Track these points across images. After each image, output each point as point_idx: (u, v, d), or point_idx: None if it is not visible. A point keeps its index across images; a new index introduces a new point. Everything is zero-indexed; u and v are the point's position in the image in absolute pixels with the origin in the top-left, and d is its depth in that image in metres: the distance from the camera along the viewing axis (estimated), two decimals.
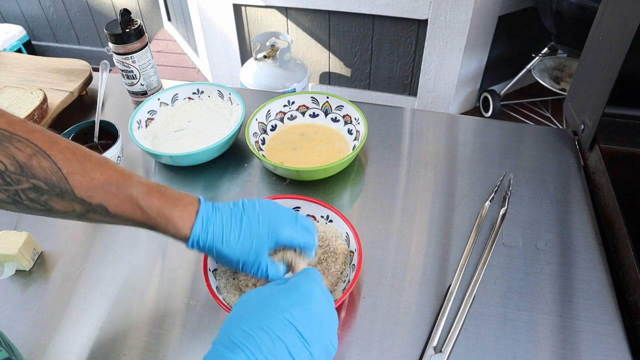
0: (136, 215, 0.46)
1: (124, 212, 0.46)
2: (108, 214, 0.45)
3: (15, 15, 2.62)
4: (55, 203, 0.43)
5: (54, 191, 0.43)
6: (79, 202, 0.44)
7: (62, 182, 0.43)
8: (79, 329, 0.58)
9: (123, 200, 0.45)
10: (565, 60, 1.93)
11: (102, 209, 0.45)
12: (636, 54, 0.64)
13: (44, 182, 0.42)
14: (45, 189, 0.42)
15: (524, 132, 0.85)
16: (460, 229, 0.68)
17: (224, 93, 0.86)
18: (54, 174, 0.42)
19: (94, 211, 0.45)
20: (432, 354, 0.54)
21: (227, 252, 0.48)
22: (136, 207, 0.46)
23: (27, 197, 0.42)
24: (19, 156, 0.41)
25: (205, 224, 0.48)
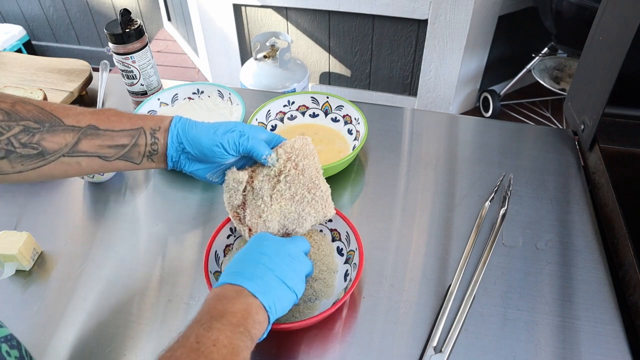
0: (123, 123, 0.51)
1: (113, 125, 0.50)
2: (98, 132, 0.49)
3: (15, 15, 2.62)
4: (47, 141, 0.46)
5: (44, 127, 0.46)
6: (69, 130, 0.47)
7: (49, 116, 0.46)
8: (79, 329, 0.58)
9: (108, 115, 0.50)
10: (565, 60, 1.93)
11: (92, 129, 0.48)
12: (636, 54, 0.64)
13: (33, 121, 0.45)
14: (35, 127, 0.45)
15: (524, 132, 0.85)
16: (460, 229, 0.68)
17: (224, 93, 0.86)
18: (40, 112, 0.46)
19: (85, 135, 0.48)
20: (432, 354, 0.54)
21: (205, 135, 0.53)
22: (121, 116, 0.51)
23: (19, 142, 0.44)
24: (2, 106, 0.44)
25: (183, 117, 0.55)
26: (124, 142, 0.51)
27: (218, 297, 0.46)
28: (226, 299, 0.45)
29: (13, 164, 0.45)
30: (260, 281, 0.47)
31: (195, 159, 0.54)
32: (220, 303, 0.45)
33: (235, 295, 0.45)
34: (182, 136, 0.53)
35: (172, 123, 0.53)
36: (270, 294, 0.47)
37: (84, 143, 0.48)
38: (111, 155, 0.50)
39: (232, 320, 0.42)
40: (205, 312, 0.44)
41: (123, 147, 0.51)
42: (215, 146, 0.53)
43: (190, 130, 0.53)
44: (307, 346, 0.56)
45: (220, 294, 0.46)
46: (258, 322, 0.45)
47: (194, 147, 0.53)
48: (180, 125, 0.53)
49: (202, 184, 0.76)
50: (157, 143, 0.53)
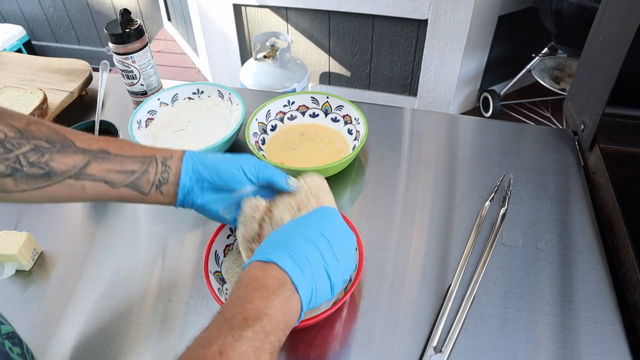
0: (135, 150, 0.50)
1: (124, 151, 0.49)
2: (109, 156, 0.48)
3: (15, 15, 2.62)
4: (56, 161, 0.45)
5: (55, 147, 0.45)
6: (80, 152, 0.46)
7: (61, 137, 0.46)
8: (79, 329, 0.58)
9: (121, 143, 0.50)
10: (565, 60, 1.93)
11: (103, 153, 0.47)
12: (636, 54, 0.64)
13: (45, 141, 0.44)
14: (46, 146, 0.44)
15: (524, 132, 0.85)
16: (460, 229, 0.68)
17: (224, 93, 0.86)
18: (52, 133, 0.45)
19: (95, 159, 0.47)
20: (432, 354, 0.54)
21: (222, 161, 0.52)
22: (132, 145, 0.50)
23: (27, 161, 0.43)
24: (16, 124, 0.44)
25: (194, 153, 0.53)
26: (134, 168, 0.49)
27: (258, 285, 0.40)
28: (266, 291, 0.39)
29: (18, 182, 0.44)
30: (308, 271, 0.41)
31: (211, 187, 0.52)
32: (259, 297, 0.39)
33: (276, 288, 0.40)
34: (199, 163, 0.51)
35: (186, 153, 0.52)
36: (312, 290, 0.42)
37: (93, 166, 0.47)
38: (118, 182, 0.48)
39: (266, 327, 0.37)
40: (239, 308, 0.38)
41: (132, 173, 0.49)
42: (235, 169, 0.51)
43: (205, 157, 0.52)
44: (307, 346, 0.56)
45: (260, 281, 0.40)
46: (289, 327, 0.40)
47: (212, 172, 0.51)
48: (195, 154, 0.52)
49: None
50: (167, 171, 0.50)
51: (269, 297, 0.39)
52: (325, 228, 0.45)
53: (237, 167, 0.51)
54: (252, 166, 0.52)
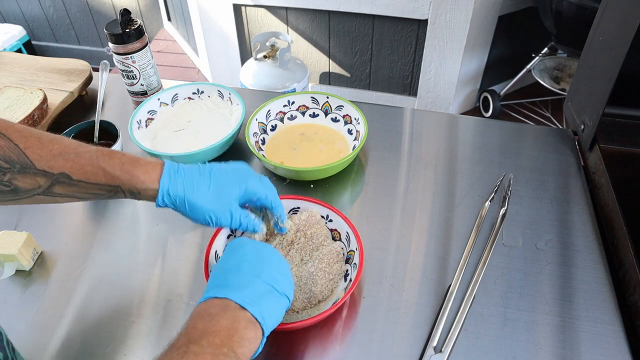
0: (98, 178, 0.47)
1: (87, 177, 0.46)
2: (71, 182, 0.46)
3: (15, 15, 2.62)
4: (19, 181, 0.44)
5: (15, 168, 0.43)
6: (41, 174, 0.44)
7: (21, 157, 0.43)
8: (79, 329, 0.58)
9: (83, 165, 0.46)
10: (565, 60, 1.93)
11: (64, 177, 0.45)
12: (636, 54, 0.64)
13: (3, 160, 0.43)
14: (5, 167, 0.43)
15: (524, 132, 0.85)
16: (460, 229, 0.68)
17: (224, 93, 0.86)
18: (11, 150, 0.43)
19: (58, 182, 0.45)
20: (432, 354, 0.54)
21: (199, 202, 0.50)
22: (97, 168, 0.47)
23: None
24: None
25: (173, 176, 0.50)
26: (99, 192, 0.48)
27: (200, 314, 0.42)
28: (209, 316, 0.41)
29: None
30: (248, 290, 0.43)
31: None
32: (202, 321, 0.40)
33: (219, 311, 0.41)
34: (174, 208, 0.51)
35: (159, 196, 0.49)
36: (261, 304, 0.43)
37: (57, 187, 0.46)
38: (89, 198, 0.48)
39: (214, 341, 0.38)
40: (183, 334, 0.40)
41: (99, 195, 0.48)
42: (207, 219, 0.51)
43: (181, 207, 0.50)
44: (307, 346, 0.56)
45: (202, 311, 0.42)
46: (247, 339, 0.41)
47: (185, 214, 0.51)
48: (168, 200, 0.50)
49: None
50: (137, 196, 0.50)
51: (213, 319, 0.41)
52: (240, 255, 0.48)
53: (209, 218, 0.51)
54: (226, 224, 0.52)
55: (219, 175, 0.52)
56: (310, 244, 0.61)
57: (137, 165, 0.48)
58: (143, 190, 0.49)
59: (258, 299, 0.43)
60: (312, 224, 0.61)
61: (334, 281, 0.58)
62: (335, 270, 0.59)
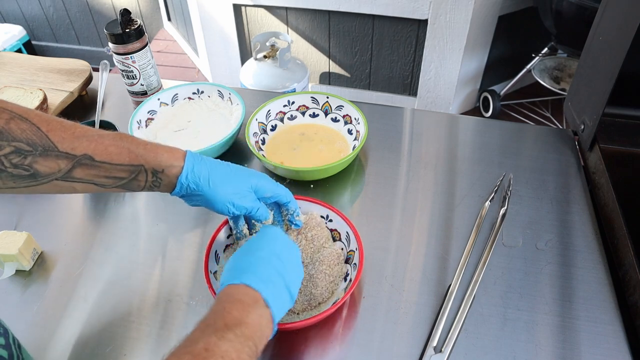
0: (122, 157, 0.47)
1: (110, 157, 0.46)
2: (94, 163, 0.46)
3: (15, 15, 2.62)
4: (40, 164, 0.43)
5: (37, 150, 0.43)
6: (63, 156, 0.44)
7: (43, 139, 0.43)
8: (79, 329, 0.58)
9: (107, 145, 0.46)
10: (565, 60, 1.93)
11: (87, 159, 0.45)
12: (636, 54, 0.64)
13: (25, 143, 0.42)
14: (27, 149, 0.43)
15: (524, 132, 0.85)
16: (460, 229, 0.68)
17: (224, 93, 0.86)
18: (34, 134, 0.43)
19: (79, 164, 0.45)
20: (432, 354, 0.54)
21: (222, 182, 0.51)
22: (121, 148, 0.47)
23: (10, 162, 0.42)
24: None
25: (197, 158, 0.51)
26: (121, 175, 0.48)
27: (235, 300, 0.43)
28: (242, 305, 0.42)
29: (5, 181, 0.43)
30: (274, 290, 0.45)
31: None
32: (237, 309, 0.42)
33: (252, 303, 0.43)
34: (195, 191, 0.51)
35: (182, 175, 0.50)
36: (278, 305, 0.44)
37: (78, 171, 0.45)
38: (108, 184, 0.48)
39: (245, 332, 0.40)
40: (220, 316, 0.41)
41: (120, 179, 0.48)
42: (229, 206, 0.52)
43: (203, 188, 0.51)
44: (307, 346, 0.56)
45: (236, 297, 0.43)
46: (265, 337, 0.43)
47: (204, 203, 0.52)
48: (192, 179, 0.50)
49: None
50: (159, 182, 0.50)
51: (245, 309, 0.42)
52: (274, 248, 0.48)
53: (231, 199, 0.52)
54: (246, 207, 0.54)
55: (234, 166, 0.55)
56: (312, 246, 0.60)
57: (160, 146, 0.50)
58: (167, 167, 0.49)
59: (278, 300, 0.45)
60: (312, 226, 0.61)
61: (334, 283, 0.58)
62: (336, 272, 0.59)
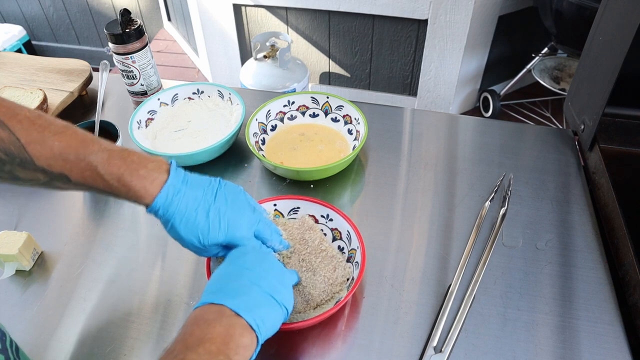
0: (97, 183, 0.46)
1: (85, 180, 0.46)
2: (70, 182, 0.46)
3: (15, 15, 2.62)
4: (19, 172, 0.44)
5: (15, 161, 0.43)
6: (40, 171, 0.44)
7: (21, 152, 0.43)
8: (79, 329, 0.58)
9: (83, 169, 0.45)
10: (565, 60, 1.93)
11: (63, 178, 0.45)
12: (636, 54, 0.64)
13: (3, 153, 0.42)
14: (5, 159, 0.42)
15: (524, 132, 0.85)
16: (460, 229, 0.68)
17: (224, 93, 0.86)
18: (12, 144, 0.42)
19: (56, 179, 0.45)
20: (432, 354, 0.54)
21: (184, 234, 0.49)
22: (96, 175, 0.46)
23: None
24: None
25: (171, 196, 0.48)
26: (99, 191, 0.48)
27: (196, 320, 0.42)
28: (205, 322, 0.41)
29: None
30: (245, 297, 0.43)
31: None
32: (198, 328, 0.41)
33: (215, 317, 0.41)
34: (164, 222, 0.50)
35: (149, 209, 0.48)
36: (257, 311, 0.43)
37: (56, 183, 0.46)
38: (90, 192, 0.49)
39: (210, 349, 0.38)
40: (179, 341, 0.40)
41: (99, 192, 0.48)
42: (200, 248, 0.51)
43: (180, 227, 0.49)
44: (307, 346, 0.56)
45: (199, 317, 0.42)
46: (243, 347, 0.41)
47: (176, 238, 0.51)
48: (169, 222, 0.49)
49: None
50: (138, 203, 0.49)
51: (209, 326, 0.41)
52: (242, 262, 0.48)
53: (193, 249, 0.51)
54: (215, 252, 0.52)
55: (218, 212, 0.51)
56: (307, 247, 0.60)
57: (136, 176, 0.46)
58: (137, 202, 0.48)
59: (254, 307, 0.43)
60: (305, 229, 0.61)
61: (335, 285, 0.58)
62: (337, 275, 0.58)
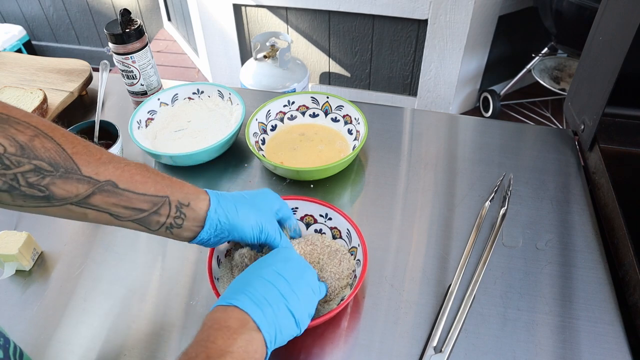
0: (147, 187, 0.45)
1: (135, 186, 0.44)
2: (116, 190, 0.43)
3: (15, 15, 2.62)
4: (57, 187, 0.41)
5: (58, 172, 0.41)
6: (85, 181, 0.42)
7: (67, 161, 0.41)
8: (79, 329, 0.58)
9: (133, 174, 0.44)
10: (565, 60, 1.93)
11: (110, 185, 0.43)
12: (636, 54, 0.64)
13: (47, 163, 0.40)
14: (48, 169, 0.40)
15: (524, 132, 0.85)
16: (460, 229, 0.68)
17: (224, 93, 0.86)
18: (58, 154, 0.41)
19: (100, 190, 0.43)
20: (432, 354, 0.54)
21: (249, 212, 0.51)
22: (147, 177, 0.45)
23: (26, 181, 0.39)
24: (19, 137, 0.39)
25: (218, 193, 0.51)
26: (143, 207, 0.45)
27: (220, 325, 0.41)
28: (229, 332, 0.40)
29: (15, 198, 0.40)
30: (270, 311, 0.43)
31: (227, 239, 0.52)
32: (222, 337, 0.39)
33: (238, 327, 0.41)
34: (223, 220, 0.49)
35: (211, 208, 0.48)
36: (275, 328, 0.42)
37: (97, 198, 0.43)
38: (124, 216, 0.45)
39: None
40: (202, 347, 0.39)
41: (140, 211, 0.45)
42: (258, 231, 0.51)
43: (233, 218, 0.49)
44: (307, 346, 0.56)
45: (222, 322, 0.41)
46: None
47: (233, 231, 0.50)
48: (220, 207, 0.49)
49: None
50: (182, 219, 0.47)
51: (231, 337, 0.40)
52: (281, 268, 0.47)
53: (259, 228, 0.51)
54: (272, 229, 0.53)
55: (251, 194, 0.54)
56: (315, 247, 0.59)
57: (184, 182, 0.49)
58: (194, 200, 0.47)
59: (274, 323, 0.43)
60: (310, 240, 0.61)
61: (341, 279, 0.58)
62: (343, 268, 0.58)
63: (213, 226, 0.49)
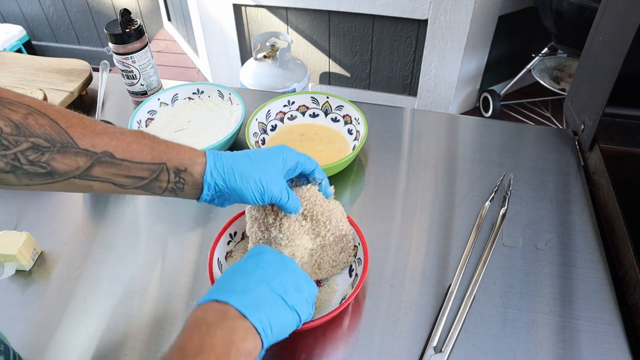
0: (144, 155, 0.45)
1: (132, 155, 0.44)
2: (114, 161, 0.43)
3: (15, 15, 2.62)
4: (57, 161, 0.41)
5: (55, 147, 0.41)
6: (82, 154, 0.42)
7: (62, 135, 0.41)
8: (79, 329, 0.58)
9: (129, 142, 0.44)
10: (565, 60, 1.93)
11: (107, 156, 0.43)
12: (636, 54, 0.64)
13: (43, 139, 0.40)
14: (45, 145, 0.40)
15: (524, 132, 0.85)
16: (460, 229, 0.68)
17: (224, 93, 0.86)
18: (53, 129, 0.41)
19: (99, 162, 0.43)
20: (432, 354, 0.54)
21: (248, 170, 0.49)
22: (143, 145, 0.45)
23: (26, 159, 0.40)
24: (13, 116, 0.39)
25: (217, 153, 0.49)
26: (142, 174, 0.45)
27: (197, 322, 0.39)
28: (206, 325, 0.38)
29: (20, 178, 0.41)
30: (251, 294, 0.41)
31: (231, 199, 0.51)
32: (198, 332, 0.38)
33: (217, 319, 0.39)
34: (224, 188, 0.48)
35: (207, 172, 0.48)
36: (264, 311, 0.40)
37: (97, 169, 0.43)
38: (127, 185, 0.45)
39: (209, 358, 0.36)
40: (178, 347, 0.37)
41: (141, 179, 0.45)
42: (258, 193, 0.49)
43: (230, 181, 0.48)
44: (308, 346, 0.56)
45: (199, 318, 0.40)
46: (245, 353, 0.38)
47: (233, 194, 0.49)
48: (217, 175, 0.48)
49: None
50: (182, 182, 0.47)
51: (209, 330, 0.38)
52: (259, 260, 0.46)
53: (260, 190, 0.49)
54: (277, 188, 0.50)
55: (257, 152, 0.52)
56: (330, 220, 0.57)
57: (182, 146, 0.48)
58: (190, 165, 0.47)
59: (260, 306, 0.40)
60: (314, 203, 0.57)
61: (336, 268, 0.58)
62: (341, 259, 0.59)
63: (212, 189, 0.48)
